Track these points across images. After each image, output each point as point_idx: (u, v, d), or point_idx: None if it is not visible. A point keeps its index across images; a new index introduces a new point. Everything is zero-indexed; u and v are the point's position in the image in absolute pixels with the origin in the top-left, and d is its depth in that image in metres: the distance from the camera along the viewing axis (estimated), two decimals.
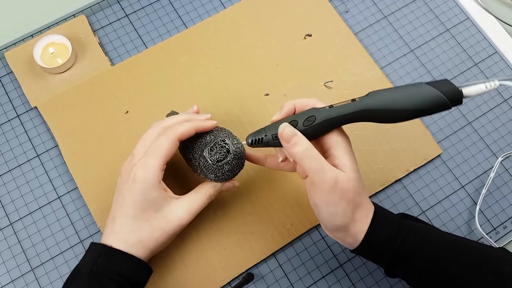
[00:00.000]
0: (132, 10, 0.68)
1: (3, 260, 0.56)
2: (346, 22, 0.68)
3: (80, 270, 0.47)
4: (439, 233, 0.48)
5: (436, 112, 0.42)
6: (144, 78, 0.63)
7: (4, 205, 0.58)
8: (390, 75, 0.65)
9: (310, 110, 0.47)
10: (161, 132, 0.50)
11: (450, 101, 0.41)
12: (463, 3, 0.69)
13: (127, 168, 0.49)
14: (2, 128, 0.61)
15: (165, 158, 0.49)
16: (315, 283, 0.56)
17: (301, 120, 0.46)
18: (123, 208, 0.48)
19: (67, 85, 0.63)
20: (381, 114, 0.43)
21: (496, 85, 0.42)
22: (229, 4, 0.68)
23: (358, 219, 0.46)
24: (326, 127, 0.45)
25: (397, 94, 0.43)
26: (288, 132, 0.46)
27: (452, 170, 0.61)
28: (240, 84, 0.63)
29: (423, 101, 0.42)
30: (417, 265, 0.46)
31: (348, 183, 0.44)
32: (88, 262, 0.47)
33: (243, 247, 0.56)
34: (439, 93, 0.41)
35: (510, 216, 0.59)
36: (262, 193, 0.58)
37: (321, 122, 0.45)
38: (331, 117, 0.45)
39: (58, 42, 0.63)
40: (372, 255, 0.47)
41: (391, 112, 0.43)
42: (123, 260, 0.47)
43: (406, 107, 0.42)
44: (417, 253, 0.46)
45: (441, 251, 0.46)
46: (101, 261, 0.47)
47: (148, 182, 0.48)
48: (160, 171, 0.48)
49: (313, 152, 0.45)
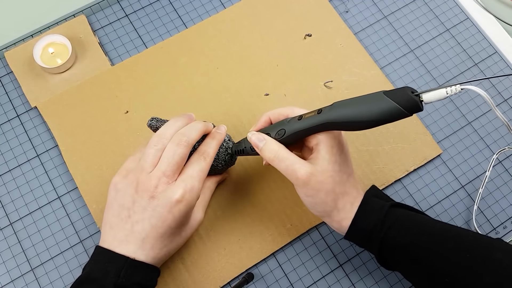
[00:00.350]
0: (132, 10, 0.68)
1: (3, 260, 0.56)
2: (346, 22, 0.68)
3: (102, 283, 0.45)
4: (429, 221, 0.49)
5: (396, 120, 0.43)
6: (144, 78, 0.63)
7: (4, 205, 0.58)
8: (390, 75, 0.65)
9: (281, 123, 0.50)
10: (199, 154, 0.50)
11: (408, 110, 0.42)
12: (463, 3, 0.69)
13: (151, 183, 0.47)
14: (2, 128, 0.62)
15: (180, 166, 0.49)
16: (315, 283, 0.56)
17: (273, 133, 0.50)
18: (157, 229, 0.47)
19: (67, 85, 0.63)
20: (343, 125, 0.45)
21: (458, 89, 0.42)
22: (229, 4, 0.68)
23: (341, 207, 0.48)
24: (295, 138, 0.48)
25: (356, 107, 0.44)
26: (255, 138, 0.50)
27: (452, 170, 0.61)
28: (240, 84, 0.63)
29: (381, 113, 0.43)
30: (405, 252, 0.46)
31: (323, 174, 0.47)
32: (109, 274, 0.46)
33: (243, 247, 0.56)
34: (396, 105, 0.42)
35: (510, 216, 0.59)
36: (262, 193, 0.58)
37: (290, 135, 0.48)
38: (298, 130, 0.48)
39: (58, 42, 0.63)
40: (363, 242, 0.49)
41: (352, 123, 0.44)
42: (146, 272, 0.47)
43: (365, 119, 0.44)
44: (405, 239, 0.46)
45: (430, 237, 0.46)
46: (124, 274, 0.46)
47: (192, 205, 0.49)
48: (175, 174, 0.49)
49: (281, 154, 0.48)
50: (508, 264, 0.43)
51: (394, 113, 0.42)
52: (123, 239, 0.47)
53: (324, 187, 0.47)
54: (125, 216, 0.47)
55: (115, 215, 0.48)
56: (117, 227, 0.48)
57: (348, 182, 0.49)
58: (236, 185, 0.59)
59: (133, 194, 0.48)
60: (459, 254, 0.45)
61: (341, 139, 0.49)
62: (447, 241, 0.46)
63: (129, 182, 0.48)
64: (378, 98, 0.43)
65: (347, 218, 0.48)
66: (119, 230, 0.47)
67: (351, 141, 0.61)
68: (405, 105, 0.42)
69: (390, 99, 0.42)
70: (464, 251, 0.45)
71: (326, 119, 0.46)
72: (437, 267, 0.45)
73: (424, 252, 0.46)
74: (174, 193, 0.47)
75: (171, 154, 0.48)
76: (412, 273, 0.48)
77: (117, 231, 0.47)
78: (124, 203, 0.48)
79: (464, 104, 0.64)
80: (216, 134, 0.52)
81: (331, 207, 0.48)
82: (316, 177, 0.47)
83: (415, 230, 0.47)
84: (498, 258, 0.44)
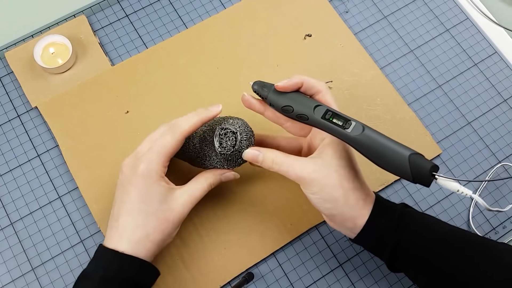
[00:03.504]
0: (133, 10, 0.68)
1: (4, 260, 0.56)
2: (346, 22, 0.68)
3: (91, 276, 0.47)
4: (440, 223, 0.49)
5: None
6: (144, 78, 0.63)
7: (5, 205, 0.58)
8: (390, 75, 0.65)
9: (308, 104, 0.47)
10: (167, 129, 0.50)
11: (415, 182, 0.43)
12: (463, 3, 0.69)
13: (129, 163, 0.49)
14: (2, 128, 0.62)
15: (169, 154, 0.49)
16: (315, 282, 0.56)
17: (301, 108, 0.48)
18: (127, 204, 0.48)
19: (67, 85, 0.63)
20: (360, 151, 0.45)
21: (468, 194, 0.43)
22: (229, 4, 0.68)
23: (353, 203, 0.47)
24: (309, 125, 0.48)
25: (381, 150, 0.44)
26: (250, 156, 0.49)
27: (452, 170, 0.61)
28: (240, 84, 0.63)
29: (394, 170, 0.44)
30: (419, 254, 0.46)
31: (326, 169, 0.46)
32: (98, 268, 0.47)
33: (243, 246, 0.56)
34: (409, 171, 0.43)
35: (509, 216, 0.59)
36: (262, 193, 0.58)
37: (311, 122, 0.47)
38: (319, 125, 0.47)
39: (59, 42, 0.63)
40: (373, 243, 0.48)
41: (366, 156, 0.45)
42: (133, 266, 0.47)
43: (378, 163, 0.44)
44: (419, 240, 0.46)
45: (443, 239, 0.47)
46: (112, 268, 0.47)
47: (152, 176, 0.48)
48: (162, 167, 0.49)
49: (279, 159, 0.48)
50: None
51: (403, 176, 0.43)
52: (112, 234, 0.49)
53: (330, 182, 0.46)
54: (113, 212, 0.50)
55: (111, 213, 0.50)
56: (109, 224, 0.50)
57: (357, 179, 0.48)
58: (236, 185, 0.59)
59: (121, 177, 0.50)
60: (471, 259, 0.45)
61: None
62: (459, 245, 0.46)
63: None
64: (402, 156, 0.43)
65: (361, 215, 0.47)
66: (110, 227, 0.49)
67: None
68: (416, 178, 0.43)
69: (408, 166, 0.43)
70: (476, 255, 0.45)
71: (349, 140, 0.45)
72: (450, 270, 0.45)
73: (437, 256, 0.46)
74: (135, 167, 0.48)
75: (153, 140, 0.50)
76: (422, 275, 0.47)
77: (109, 227, 0.50)
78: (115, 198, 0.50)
79: (464, 104, 0.64)
80: (203, 111, 0.51)
81: (341, 202, 0.46)
82: (317, 173, 0.46)
83: (428, 233, 0.47)
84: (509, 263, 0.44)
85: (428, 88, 0.65)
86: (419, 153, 0.44)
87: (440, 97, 0.64)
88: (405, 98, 0.64)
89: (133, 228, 0.48)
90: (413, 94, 0.64)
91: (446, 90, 0.65)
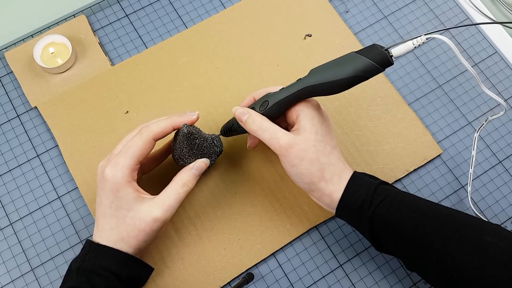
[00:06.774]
0: (132, 10, 0.68)
1: (3, 260, 0.56)
2: (346, 22, 0.68)
3: (71, 268, 0.48)
4: (420, 200, 0.49)
5: (370, 77, 0.45)
6: (144, 78, 0.63)
7: (4, 205, 0.58)
8: (390, 75, 0.65)
9: (265, 96, 0.51)
10: (137, 131, 0.50)
11: (381, 65, 0.44)
12: (463, 3, 0.69)
13: (102, 165, 0.49)
14: (2, 128, 0.62)
15: (137, 157, 0.48)
16: (315, 283, 0.56)
17: (257, 106, 0.51)
18: (100, 207, 0.49)
19: (67, 85, 0.63)
20: (323, 88, 0.47)
21: (423, 40, 0.45)
22: (229, 4, 0.68)
23: (329, 178, 0.48)
24: (279, 108, 0.50)
25: (333, 68, 0.46)
26: (239, 112, 0.51)
27: (452, 170, 0.61)
28: (240, 84, 0.63)
29: (356, 70, 0.45)
30: (394, 228, 0.46)
31: (305, 143, 0.48)
32: (77, 259, 0.48)
33: (243, 247, 0.56)
34: (369, 60, 0.44)
35: (510, 216, 0.59)
36: (262, 193, 0.58)
37: (273, 105, 0.50)
38: (281, 99, 0.49)
39: (58, 42, 0.63)
40: (352, 217, 0.49)
41: (330, 84, 0.46)
42: (110, 256, 0.47)
43: (342, 77, 0.45)
44: (395, 216, 0.47)
45: (420, 215, 0.47)
46: (88, 258, 0.47)
47: (117, 181, 0.47)
48: (130, 171, 0.48)
49: (264, 124, 0.49)
50: (495, 248, 0.43)
51: (369, 69, 0.45)
52: (95, 232, 0.49)
53: (308, 155, 0.48)
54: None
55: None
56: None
57: (332, 154, 0.49)
58: (237, 186, 0.59)
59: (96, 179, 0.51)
60: (448, 234, 0.45)
61: (320, 111, 0.50)
62: (438, 220, 0.46)
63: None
64: (352, 57, 0.45)
65: (337, 190, 0.48)
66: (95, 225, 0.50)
67: (351, 141, 0.61)
68: (377, 60, 0.44)
69: (363, 56, 0.45)
70: (453, 231, 0.45)
71: (305, 84, 0.47)
72: (426, 245, 0.45)
73: (413, 229, 0.46)
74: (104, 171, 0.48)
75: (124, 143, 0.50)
76: (400, 250, 0.48)
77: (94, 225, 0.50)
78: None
79: (464, 104, 0.64)
80: (175, 116, 0.51)
81: (317, 177, 0.48)
82: (299, 146, 0.48)
83: (405, 208, 0.47)
84: (486, 241, 0.44)
85: (428, 88, 0.65)
86: (356, 51, 0.46)
87: (440, 97, 0.64)
88: (405, 98, 0.64)
89: (109, 230, 0.48)
90: (413, 94, 0.64)
91: (447, 90, 0.65)
